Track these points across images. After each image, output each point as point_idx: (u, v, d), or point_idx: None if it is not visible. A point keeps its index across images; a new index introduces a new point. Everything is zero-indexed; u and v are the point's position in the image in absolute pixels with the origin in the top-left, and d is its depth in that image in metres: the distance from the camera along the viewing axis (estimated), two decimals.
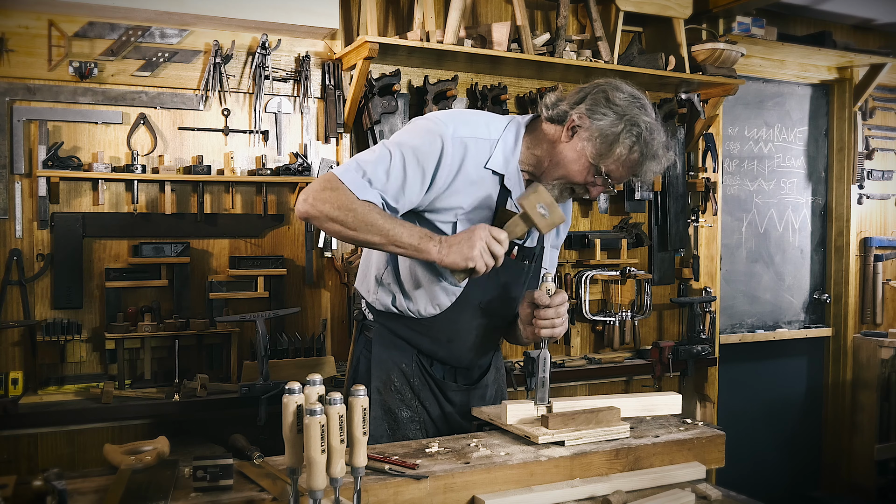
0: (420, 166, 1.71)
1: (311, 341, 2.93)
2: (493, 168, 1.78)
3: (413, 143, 1.72)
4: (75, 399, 2.63)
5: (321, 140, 3.05)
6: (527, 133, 1.84)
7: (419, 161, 1.71)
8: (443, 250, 1.64)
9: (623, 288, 3.65)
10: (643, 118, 1.72)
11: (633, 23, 3.57)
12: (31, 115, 2.67)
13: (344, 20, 3.04)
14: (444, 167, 1.73)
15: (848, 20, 4.30)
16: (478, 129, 1.78)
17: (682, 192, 3.74)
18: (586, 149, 1.72)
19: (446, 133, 1.72)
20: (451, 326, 1.87)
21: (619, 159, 1.72)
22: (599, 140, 1.71)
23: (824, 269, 4.42)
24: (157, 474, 1.45)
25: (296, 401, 1.25)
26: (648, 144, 1.72)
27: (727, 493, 1.62)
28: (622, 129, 1.70)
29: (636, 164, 1.74)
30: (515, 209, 1.78)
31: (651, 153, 1.73)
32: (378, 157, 1.70)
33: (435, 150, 1.71)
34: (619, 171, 1.75)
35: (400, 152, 1.71)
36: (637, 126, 1.71)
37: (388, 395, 1.90)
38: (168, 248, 2.82)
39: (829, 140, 4.40)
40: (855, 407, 4.35)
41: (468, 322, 1.88)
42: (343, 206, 1.64)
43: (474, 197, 1.78)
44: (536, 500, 1.53)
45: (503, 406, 1.78)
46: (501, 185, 1.80)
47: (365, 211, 1.64)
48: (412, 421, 1.90)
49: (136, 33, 2.76)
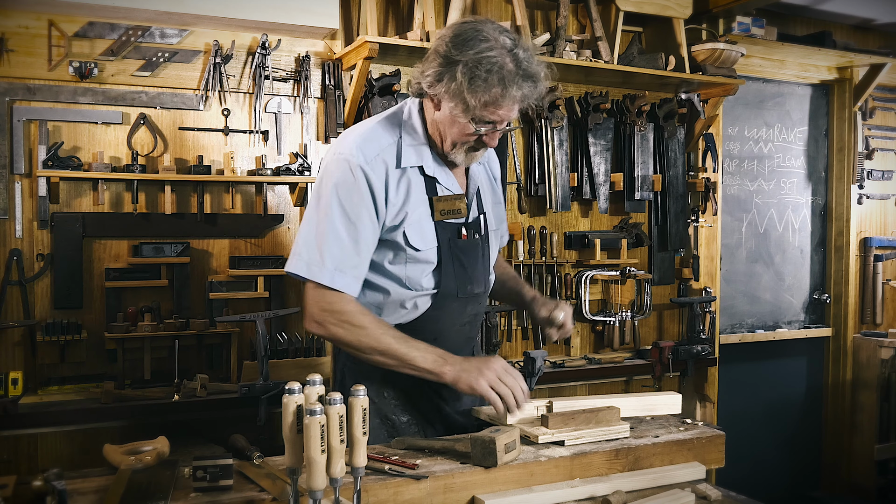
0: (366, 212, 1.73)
1: (311, 341, 2.93)
2: (407, 165, 1.79)
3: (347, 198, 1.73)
4: (75, 399, 2.63)
5: (321, 140, 3.05)
6: (422, 112, 1.84)
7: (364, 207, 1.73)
8: (456, 375, 1.69)
9: (623, 288, 3.65)
10: (467, 53, 1.65)
11: (633, 23, 3.57)
12: (31, 115, 2.67)
13: (344, 20, 3.04)
14: (377, 195, 1.75)
15: (848, 20, 4.30)
16: (381, 141, 1.79)
17: (682, 192, 3.74)
18: (452, 110, 1.71)
19: (361, 162, 1.73)
20: (434, 325, 1.87)
21: (478, 101, 1.66)
22: (451, 96, 1.68)
23: (824, 269, 4.42)
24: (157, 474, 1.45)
25: (296, 401, 1.25)
26: (491, 65, 1.63)
27: (727, 493, 1.62)
28: (458, 75, 1.65)
29: (494, 95, 1.65)
30: (447, 190, 1.83)
31: (497, 74, 1.64)
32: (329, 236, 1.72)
33: (364, 187, 1.73)
34: (488, 111, 1.69)
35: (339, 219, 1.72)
36: (465, 66, 1.64)
37: (383, 402, 1.89)
38: (168, 248, 2.82)
39: (829, 140, 4.40)
40: (855, 407, 4.35)
41: (451, 315, 1.89)
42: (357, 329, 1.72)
43: (409, 204, 1.79)
44: (536, 500, 1.53)
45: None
46: (424, 175, 1.82)
47: (378, 334, 1.71)
48: (411, 424, 1.90)
49: (136, 33, 2.76)
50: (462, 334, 1.95)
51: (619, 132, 3.62)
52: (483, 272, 1.93)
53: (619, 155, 3.63)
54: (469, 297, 1.90)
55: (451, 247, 1.83)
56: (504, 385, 1.68)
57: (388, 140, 1.79)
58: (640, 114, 3.57)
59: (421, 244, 1.80)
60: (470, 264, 1.88)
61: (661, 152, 3.68)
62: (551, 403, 1.77)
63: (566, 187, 3.43)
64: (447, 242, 1.82)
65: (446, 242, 1.82)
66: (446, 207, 1.82)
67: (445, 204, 1.82)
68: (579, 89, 3.52)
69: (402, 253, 1.80)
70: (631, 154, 3.60)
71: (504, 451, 1.54)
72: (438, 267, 1.82)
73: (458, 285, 1.86)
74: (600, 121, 3.49)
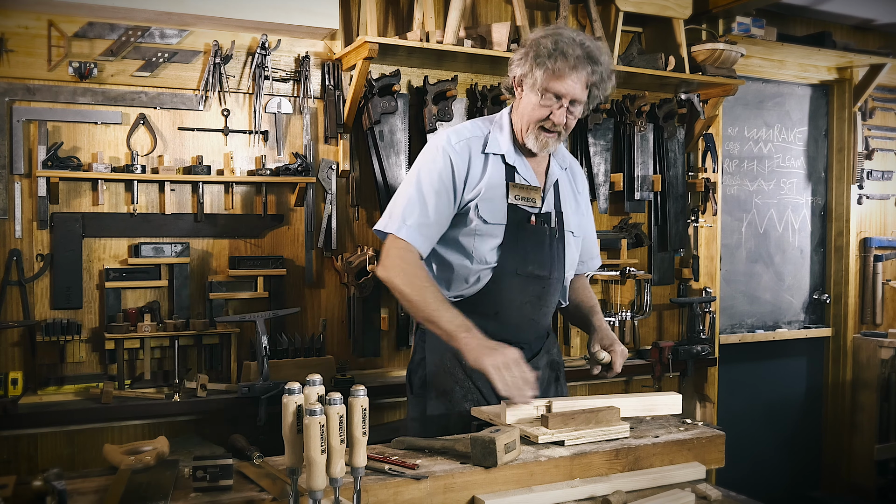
0: (443, 186, 1.99)
1: (310, 341, 2.93)
2: (491, 151, 2.04)
3: (429, 173, 2.01)
4: (75, 399, 2.63)
5: (321, 140, 3.05)
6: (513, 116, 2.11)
7: (442, 182, 1.99)
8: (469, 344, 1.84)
9: (623, 288, 3.65)
10: (538, 36, 1.97)
11: (632, 23, 3.57)
12: (31, 116, 2.67)
13: (344, 20, 3.04)
14: (458, 173, 2.00)
15: (848, 20, 4.30)
16: (471, 131, 2.08)
17: (681, 192, 3.74)
18: (527, 87, 1.99)
19: (447, 146, 2.02)
20: (495, 298, 2.02)
21: (544, 73, 1.93)
22: (524, 78, 1.99)
23: (824, 269, 4.42)
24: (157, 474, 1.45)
25: (296, 401, 1.25)
26: (556, 44, 1.92)
27: (727, 493, 1.62)
28: (529, 55, 1.96)
29: (558, 67, 1.92)
30: (524, 181, 2.05)
31: (560, 50, 1.91)
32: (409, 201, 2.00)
33: (446, 166, 2.00)
34: (553, 82, 1.94)
35: (417, 189, 2.00)
36: (535, 45, 1.96)
37: (442, 376, 2.05)
38: (168, 248, 2.82)
39: (828, 140, 4.40)
40: (855, 407, 4.35)
41: (511, 292, 2.03)
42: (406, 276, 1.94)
43: (485, 182, 2.01)
44: (536, 500, 1.53)
45: (502, 406, 1.78)
46: (505, 163, 2.04)
47: (421, 285, 1.92)
48: (465, 399, 2.02)
49: (135, 33, 2.76)
50: (523, 314, 2.07)
51: (619, 132, 3.62)
52: (549, 259, 2.07)
53: (619, 155, 3.63)
54: (529, 277, 2.04)
55: (517, 228, 2.02)
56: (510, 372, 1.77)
57: (478, 132, 2.07)
58: (639, 114, 3.57)
59: (490, 217, 2.00)
60: (534, 248, 2.04)
61: (661, 152, 3.68)
62: (551, 403, 1.77)
63: None
64: (515, 223, 2.01)
65: (514, 223, 2.01)
66: (520, 193, 2.03)
67: (520, 191, 2.03)
68: None
69: (472, 226, 2.00)
70: (631, 154, 3.60)
71: (504, 451, 1.54)
72: (503, 244, 2.00)
73: (518, 263, 2.02)
74: (600, 121, 3.50)
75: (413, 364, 2.14)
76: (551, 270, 2.08)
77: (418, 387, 2.10)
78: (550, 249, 2.07)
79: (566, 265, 2.14)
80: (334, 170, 3.03)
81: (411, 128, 3.11)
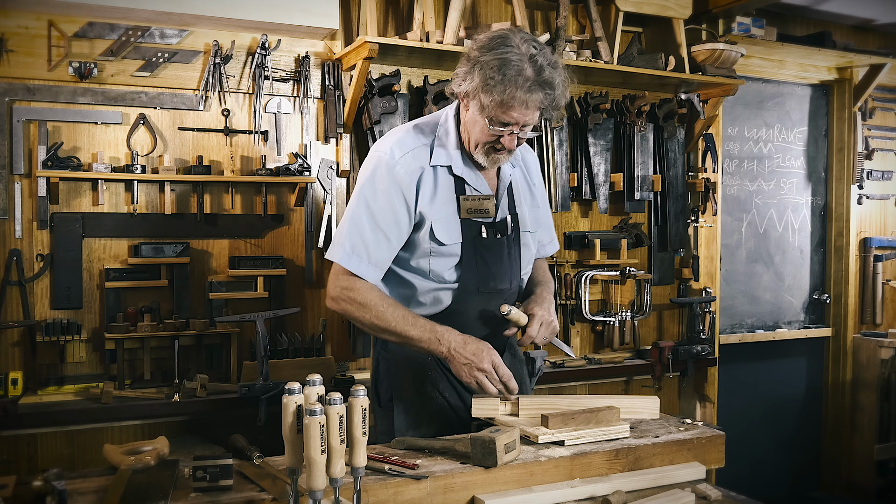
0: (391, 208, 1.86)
1: (310, 341, 2.93)
2: (437, 164, 1.90)
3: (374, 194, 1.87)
4: (75, 399, 2.63)
5: (321, 140, 3.05)
6: (458, 117, 1.95)
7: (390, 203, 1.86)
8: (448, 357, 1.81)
9: (623, 288, 3.65)
10: (483, 52, 1.75)
11: (632, 23, 3.57)
12: (31, 116, 2.67)
13: (344, 20, 3.04)
14: (407, 192, 1.87)
15: (848, 20, 4.30)
16: (414, 141, 1.91)
17: (681, 192, 3.74)
18: (473, 108, 1.81)
19: (391, 162, 1.87)
20: (458, 319, 1.92)
21: (491, 101, 1.74)
22: (471, 95, 1.79)
23: (824, 269, 4.42)
24: (157, 474, 1.45)
25: (296, 401, 1.25)
26: (504, 68, 1.71)
27: (727, 493, 1.62)
28: (474, 75, 1.76)
29: (506, 96, 1.72)
30: (475, 191, 1.93)
31: (508, 78, 1.71)
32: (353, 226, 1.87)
33: (392, 185, 1.86)
34: (501, 111, 1.76)
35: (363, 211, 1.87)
36: (480, 65, 1.74)
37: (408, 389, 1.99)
38: (168, 249, 2.82)
39: (828, 140, 4.40)
40: (855, 407, 4.35)
41: (475, 310, 1.95)
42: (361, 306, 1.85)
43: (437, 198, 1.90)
44: (536, 500, 1.53)
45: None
46: (452, 174, 1.92)
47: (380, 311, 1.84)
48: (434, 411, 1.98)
49: (135, 33, 2.76)
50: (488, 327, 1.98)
51: (619, 132, 3.62)
52: (508, 270, 1.98)
53: (619, 155, 3.63)
54: (492, 293, 1.96)
55: (474, 244, 1.91)
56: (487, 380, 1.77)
57: (422, 141, 1.91)
58: (639, 114, 3.57)
59: (446, 239, 1.89)
60: (493, 261, 1.94)
61: (661, 152, 3.68)
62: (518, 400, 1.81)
63: (566, 187, 3.43)
64: (471, 239, 1.91)
65: (470, 239, 1.91)
66: (473, 206, 1.91)
67: (472, 203, 1.91)
68: (579, 89, 3.52)
69: (427, 247, 1.90)
70: (631, 154, 3.60)
71: (504, 451, 1.54)
72: (462, 263, 1.91)
73: (479, 280, 1.93)
74: (600, 121, 3.50)
75: (378, 374, 2.06)
76: (511, 281, 2.00)
77: (386, 400, 2.03)
78: (510, 258, 1.98)
79: (523, 269, 2.05)
80: (334, 170, 3.03)
81: None
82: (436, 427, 1.94)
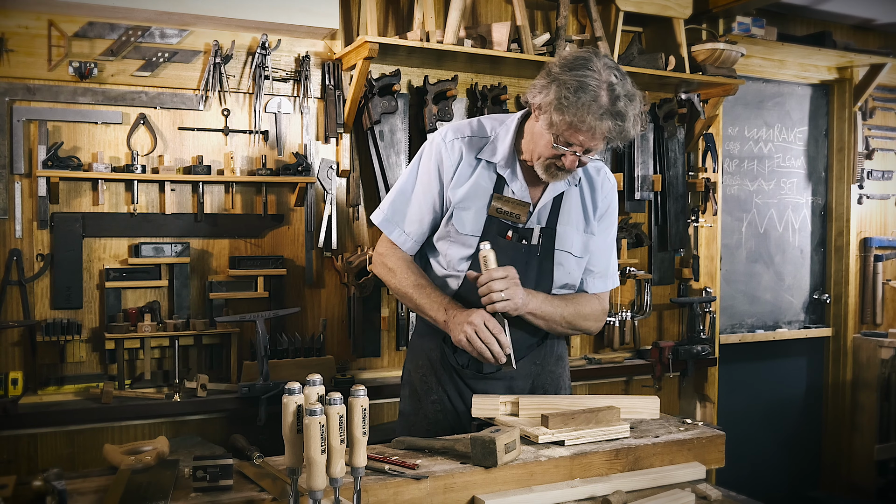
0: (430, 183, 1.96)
1: (311, 341, 2.93)
2: (484, 158, 1.95)
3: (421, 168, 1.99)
4: (75, 399, 2.63)
5: (321, 140, 3.05)
6: (524, 125, 1.95)
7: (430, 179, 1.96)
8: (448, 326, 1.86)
9: (623, 288, 3.65)
10: (565, 70, 1.75)
11: (633, 23, 3.57)
12: (31, 115, 2.67)
13: (344, 20, 3.04)
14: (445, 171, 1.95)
15: (848, 20, 4.30)
16: (474, 131, 1.98)
17: (682, 192, 3.74)
18: (542, 122, 1.80)
19: (440, 142, 1.97)
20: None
21: (562, 120, 1.74)
22: (544, 110, 1.79)
23: (824, 269, 4.42)
24: (157, 474, 1.45)
25: (296, 401, 1.25)
26: (580, 91, 1.71)
27: (727, 493, 1.62)
28: (551, 89, 1.76)
29: (577, 119, 1.72)
30: (512, 194, 1.94)
31: (583, 103, 1.70)
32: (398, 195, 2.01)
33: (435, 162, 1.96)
34: (569, 132, 1.76)
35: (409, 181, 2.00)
36: (559, 82, 1.74)
37: (417, 377, 2.07)
38: (168, 248, 2.82)
39: (829, 140, 4.40)
40: (855, 407, 4.35)
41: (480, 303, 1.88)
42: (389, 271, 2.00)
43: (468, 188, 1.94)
44: (536, 500, 1.53)
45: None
46: (497, 173, 1.95)
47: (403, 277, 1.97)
48: (434, 403, 2.03)
49: (135, 33, 2.76)
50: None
51: None
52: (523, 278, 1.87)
53: (619, 155, 3.63)
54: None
55: (495, 242, 1.89)
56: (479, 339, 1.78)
57: (480, 133, 1.98)
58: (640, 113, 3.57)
59: (461, 227, 1.93)
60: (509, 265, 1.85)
61: (661, 152, 3.68)
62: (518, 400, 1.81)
63: None
64: (493, 237, 1.92)
65: (492, 237, 1.91)
66: (503, 207, 1.92)
67: (503, 204, 1.92)
68: None
69: (447, 230, 1.95)
70: (631, 154, 3.60)
71: (504, 451, 1.54)
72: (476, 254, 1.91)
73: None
74: None
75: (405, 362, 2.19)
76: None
77: (403, 384, 2.16)
78: (529, 267, 1.93)
79: (554, 286, 1.98)
80: (334, 170, 3.03)
81: (411, 127, 3.11)
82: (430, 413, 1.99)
